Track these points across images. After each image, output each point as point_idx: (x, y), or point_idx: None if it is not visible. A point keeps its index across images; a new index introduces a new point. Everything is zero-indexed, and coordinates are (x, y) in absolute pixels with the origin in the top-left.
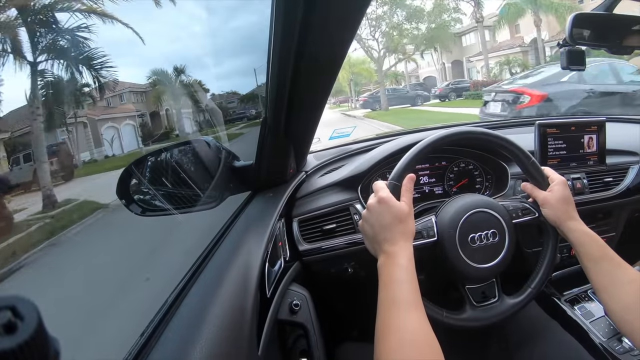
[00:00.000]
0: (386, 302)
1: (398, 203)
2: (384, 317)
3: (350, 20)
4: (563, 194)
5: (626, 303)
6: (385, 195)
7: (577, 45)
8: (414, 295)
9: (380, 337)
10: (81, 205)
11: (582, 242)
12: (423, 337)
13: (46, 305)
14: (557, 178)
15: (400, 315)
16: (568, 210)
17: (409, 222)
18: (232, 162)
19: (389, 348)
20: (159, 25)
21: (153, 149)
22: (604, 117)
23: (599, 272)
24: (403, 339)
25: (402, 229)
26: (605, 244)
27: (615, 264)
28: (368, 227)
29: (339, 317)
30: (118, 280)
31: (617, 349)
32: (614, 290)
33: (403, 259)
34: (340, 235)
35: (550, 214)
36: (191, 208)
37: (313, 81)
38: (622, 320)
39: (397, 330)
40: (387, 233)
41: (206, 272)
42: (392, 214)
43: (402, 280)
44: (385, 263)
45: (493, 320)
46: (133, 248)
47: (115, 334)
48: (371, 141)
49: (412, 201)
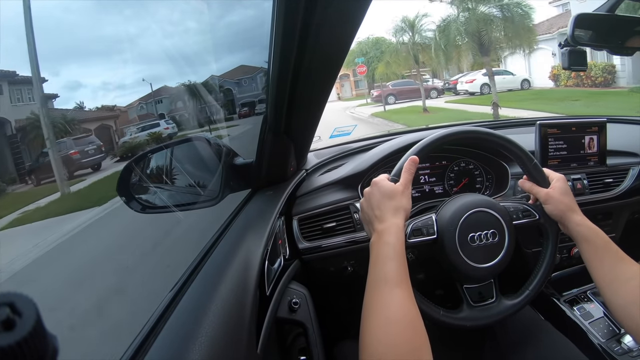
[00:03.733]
0: (372, 280)
1: (389, 182)
2: (370, 295)
3: (351, 19)
4: (564, 189)
5: (629, 299)
6: (378, 178)
7: (579, 46)
8: (399, 274)
9: (365, 315)
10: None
11: (586, 237)
12: (407, 316)
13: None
14: (556, 175)
15: (385, 293)
16: (571, 205)
17: (400, 198)
18: (233, 160)
19: (372, 326)
20: (159, 25)
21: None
22: (604, 117)
23: (602, 267)
24: (387, 318)
25: (391, 205)
26: (608, 239)
27: (618, 259)
28: (363, 212)
29: (338, 316)
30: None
31: (616, 350)
32: (617, 286)
33: (391, 236)
34: (340, 234)
35: (554, 209)
36: (191, 205)
37: (314, 80)
38: (625, 316)
39: (380, 308)
40: (377, 211)
41: (205, 270)
42: (381, 192)
43: (389, 257)
44: (375, 241)
45: (490, 321)
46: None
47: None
48: (372, 140)
49: (409, 181)
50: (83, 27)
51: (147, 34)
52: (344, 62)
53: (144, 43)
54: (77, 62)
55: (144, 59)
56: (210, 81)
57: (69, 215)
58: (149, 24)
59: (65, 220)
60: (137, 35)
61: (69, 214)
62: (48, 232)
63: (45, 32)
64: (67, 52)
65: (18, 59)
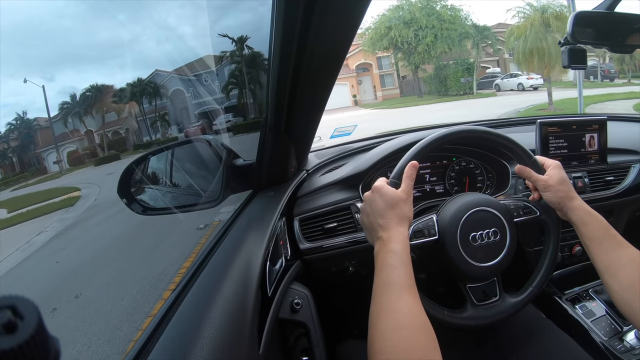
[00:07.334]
0: (379, 287)
1: (391, 189)
2: (377, 301)
3: (351, 20)
4: (562, 176)
5: (627, 282)
6: (379, 184)
7: (579, 44)
8: (407, 280)
9: (373, 321)
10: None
11: (584, 221)
12: (416, 321)
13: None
14: (552, 162)
15: (393, 299)
16: (569, 191)
17: (404, 207)
18: (233, 160)
19: (382, 332)
20: (158, 25)
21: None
22: (605, 115)
23: (601, 251)
24: (396, 322)
25: (395, 214)
26: (607, 223)
27: (617, 243)
28: (365, 218)
29: (340, 316)
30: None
31: (618, 348)
32: (616, 270)
33: (397, 244)
34: (342, 234)
35: (552, 196)
36: (192, 207)
37: (314, 80)
38: (622, 300)
39: (390, 313)
40: (380, 219)
41: (207, 271)
42: (384, 201)
43: (395, 265)
44: (380, 249)
45: (494, 319)
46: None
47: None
48: (372, 140)
49: (411, 188)
50: (78, 31)
51: (146, 36)
52: (368, 45)
53: (148, 46)
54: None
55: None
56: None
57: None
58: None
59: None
60: (143, 39)
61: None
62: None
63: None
64: (64, 55)
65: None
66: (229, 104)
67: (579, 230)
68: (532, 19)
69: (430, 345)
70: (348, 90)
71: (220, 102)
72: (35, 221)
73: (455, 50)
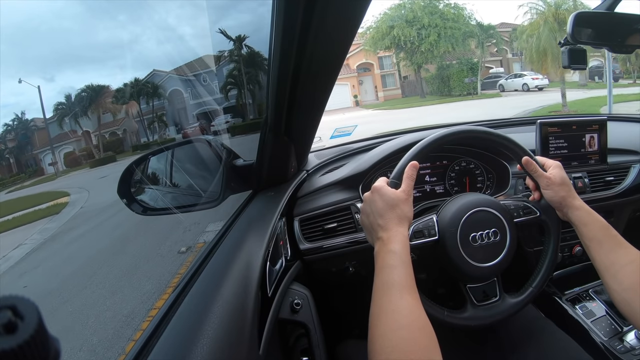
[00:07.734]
0: (379, 287)
1: (391, 190)
2: (377, 302)
3: (350, 21)
4: (562, 176)
5: (627, 283)
6: (379, 184)
7: (579, 45)
8: (407, 280)
9: (373, 321)
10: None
11: (585, 222)
12: (416, 321)
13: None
14: (552, 162)
15: (393, 299)
16: (569, 191)
17: (404, 207)
18: (233, 161)
19: (382, 332)
20: (158, 26)
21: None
22: (605, 116)
23: (601, 251)
24: (396, 323)
25: (395, 214)
26: (607, 224)
27: (617, 244)
28: (365, 218)
29: (340, 316)
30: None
31: (618, 348)
32: (616, 270)
33: (396, 244)
34: (342, 234)
35: (553, 195)
36: (192, 207)
37: (314, 81)
38: (622, 300)
39: (390, 314)
40: (380, 220)
41: (207, 271)
42: (384, 201)
43: (395, 265)
44: (380, 250)
45: (494, 319)
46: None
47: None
48: (372, 140)
49: (411, 188)
50: (77, 32)
51: (147, 37)
52: (369, 44)
53: (150, 47)
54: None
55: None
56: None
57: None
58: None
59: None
60: (142, 39)
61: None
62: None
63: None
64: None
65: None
66: (227, 105)
67: (579, 230)
68: (546, 16)
69: (430, 345)
70: (349, 90)
71: (219, 102)
72: (20, 230)
73: (459, 49)
